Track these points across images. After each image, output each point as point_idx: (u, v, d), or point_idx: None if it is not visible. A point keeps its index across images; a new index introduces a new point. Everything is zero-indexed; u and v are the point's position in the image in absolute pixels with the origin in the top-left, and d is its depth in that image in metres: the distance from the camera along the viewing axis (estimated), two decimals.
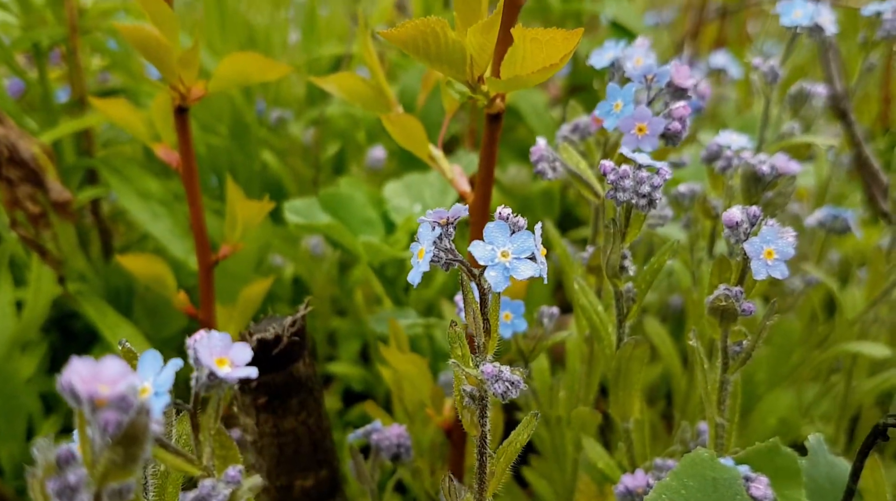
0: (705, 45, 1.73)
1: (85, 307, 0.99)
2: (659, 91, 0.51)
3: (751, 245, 0.42)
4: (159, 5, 0.59)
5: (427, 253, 0.38)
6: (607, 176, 0.45)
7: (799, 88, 0.74)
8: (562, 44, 0.44)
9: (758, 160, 0.55)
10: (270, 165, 1.34)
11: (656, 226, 0.60)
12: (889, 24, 0.82)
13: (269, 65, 0.62)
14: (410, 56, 0.46)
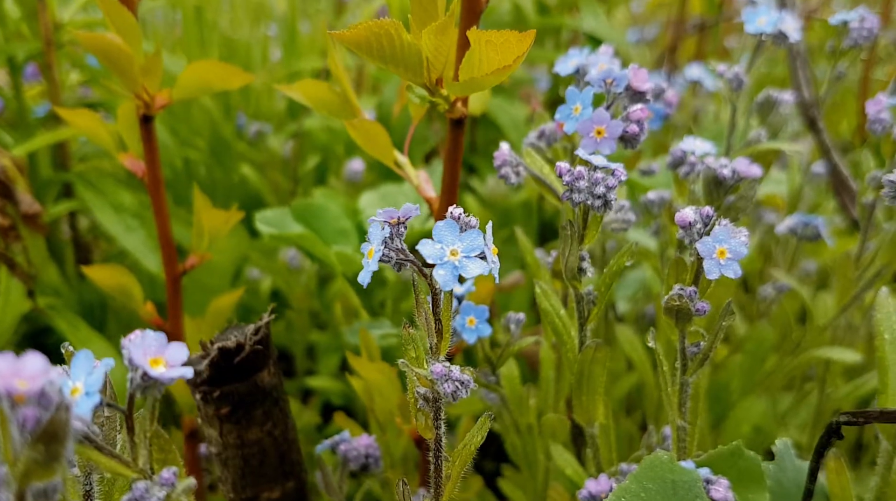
0: (685, 59, 1.75)
1: (57, 321, 0.98)
2: (618, 95, 0.52)
3: (703, 244, 0.42)
4: (122, 13, 0.59)
5: (377, 253, 0.37)
6: (563, 177, 0.45)
7: (766, 96, 0.74)
8: (515, 45, 0.44)
9: (719, 164, 0.55)
10: (250, 179, 1.33)
11: (619, 229, 0.60)
12: (856, 32, 0.83)
13: (233, 72, 0.62)
14: (365, 58, 0.46)
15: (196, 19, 1.34)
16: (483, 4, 0.54)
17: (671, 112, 0.73)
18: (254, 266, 1.26)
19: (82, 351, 0.31)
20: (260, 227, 0.83)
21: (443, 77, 0.50)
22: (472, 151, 1.53)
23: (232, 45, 1.48)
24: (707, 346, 0.46)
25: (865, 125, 0.73)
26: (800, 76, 0.80)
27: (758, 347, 0.81)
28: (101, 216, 1.02)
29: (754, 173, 0.55)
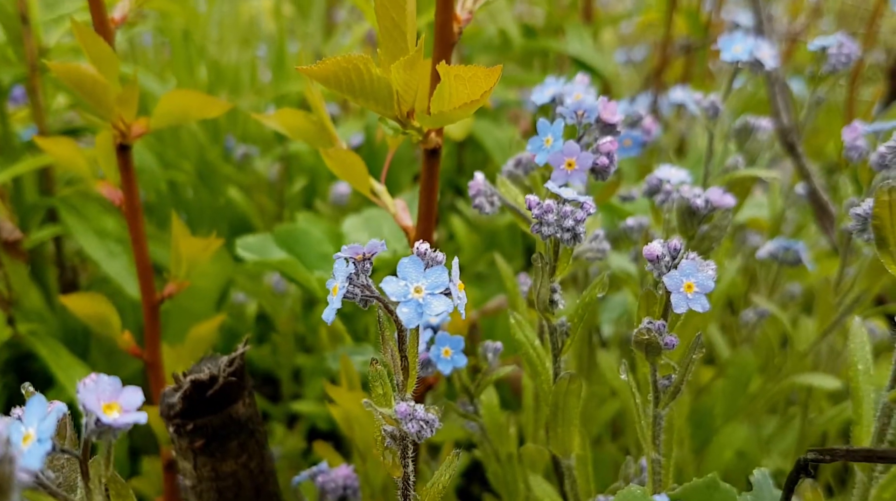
0: (672, 79, 1.76)
1: (38, 348, 0.97)
2: (589, 127, 0.52)
3: (670, 278, 0.42)
4: (97, 43, 0.59)
5: (341, 290, 0.37)
6: (532, 210, 0.45)
7: (743, 122, 0.75)
8: (483, 80, 0.44)
9: (693, 194, 0.56)
10: (236, 201, 1.33)
11: (594, 258, 0.60)
12: (834, 58, 0.84)
13: (210, 102, 0.62)
14: (335, 92, 0.46)
15: (183, 43, 1.35)
16: (455, 36, 0.54)
17: (649, 139, 0.73)
18: (239, 290, 1.25)
19: (36, 396, 0.30)
20: (241, 254, 0.83)
21: (415, 108, 0.50)
22: (459, 173, 1.53)
23: (220, 68, 1.49)
24: (678, 379, 0.45)
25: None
26: (778, 101, 0.81)
27: (740, 372, 0.80)
28: (83, 241, 1.02)
29: (727, 203, 0.55)
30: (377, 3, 0.47)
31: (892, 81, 1.46)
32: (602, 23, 1.58)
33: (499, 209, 0.56)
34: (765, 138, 0.74)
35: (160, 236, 1.17)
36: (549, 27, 1.46)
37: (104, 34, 0.64)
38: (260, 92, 1.55)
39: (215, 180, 1.34)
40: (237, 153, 1.36)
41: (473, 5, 0.55)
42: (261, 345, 1.32)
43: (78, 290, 1.27)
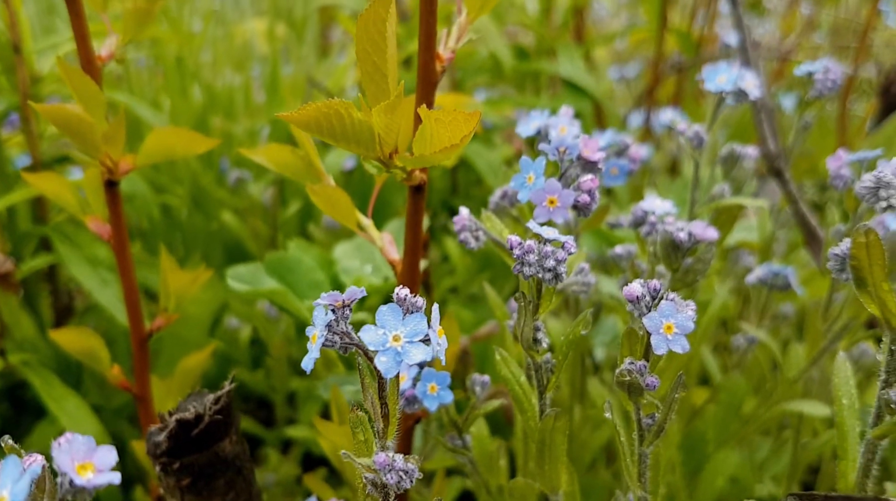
0: (664, 98, 1.77)
1: (31, 378, 0.97)
2: (571, 163, 0.52)
3: (650, 320, 0.42)
4: (84, 82, 0.60)
5: (320, 338, 0.37)
6: (513, 251, 0.45)
7: (729, 150, 0.75)
8: (463, 125, 0.44)
9: (676, 227, 0.56)
10: (230, 226, 1.34)
11: (580, 292, 0.60)
12: (820, 83, 0.84)
13: (196, 139, 0.63)
14: (315, 137, 0.46)
15: (177, 68, 1.36)
16: (438, 75, 0.55)
17: (635, 167, 0.74)
18: (233, 315, 1.25)
19: (11, 457, 0.30)
20: (231, 284, 0.83)
21: (398, 148, 0.51)
22: (453, 193, 1.54)
23: (213, 92, 1.50)
24: (661, 418, 0.45)
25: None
26: (764, 128, 0.81)
27: (732, 398, 0.80)
28: (75, 270, 1.02)
29: (710, 236, 0.55)
30: (358, 48, 0.48)
31: (883, 99, 1.47)
32: (593, 43, 1.59)
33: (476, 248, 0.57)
34: (751, 166, 0.74)
35: (153, 262, 1.17)
36: (540, 48, 1.47)
37: (91, 72, 0.64)
38: (254, 115, 1.56)
39: (209, 205, 1.35)
40: (231, 177, 1.36)
41: (455, 44, 0.55)
42: (255, 370, 1.32)
43: (73, 315, 1.27)
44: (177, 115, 1.34)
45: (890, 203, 0.44)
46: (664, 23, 1.48)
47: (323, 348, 0.38)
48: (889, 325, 0.44)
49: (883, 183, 0.45)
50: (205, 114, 1.40)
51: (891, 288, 0.43)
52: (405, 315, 0.38)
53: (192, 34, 1.36)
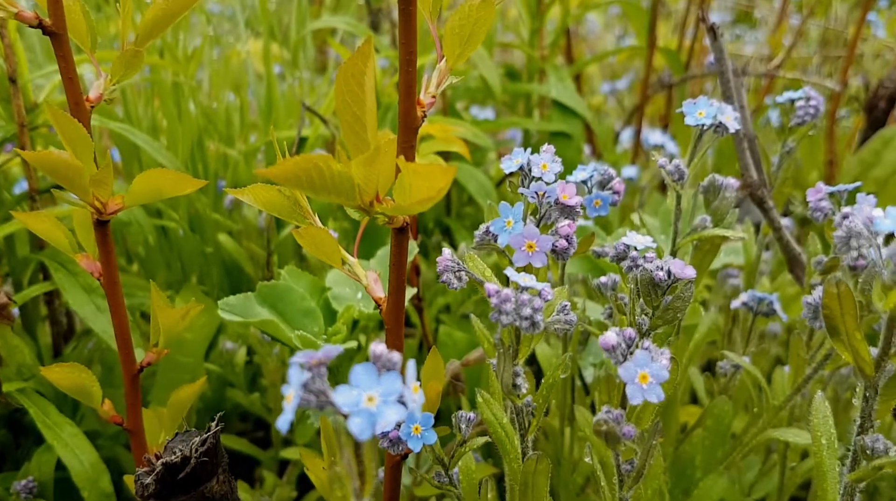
0: (654, 114, 1.79)
1: (27, 406, 0.98)
2: (550, 207, 0.53)
3: (625, 370, 0.43)
4: (72, 125, 0.61)
5: (295, 399, 0.38)
6: (491, 299, 0.46)
7: (711, 180, 0.76)
8: (440, 177, 0.46)
9: (655, 266, 0.57)
10: (227, 247, 1.35)
11: (562, 330, 0.61)
12: (802, 110, 0.86)
13: (183, 180, 0.64)
14: (294, 190, 0.48)
15: (174, 94, 1.37)
16: (419, 121, 0.56)
17: (619, 199, 0.75)
18: (228, 338, 1.26)
19: None
20: (223, 316, 0.84)
21: (379, 193, 0.52)
22: (446, 213, 1.55)
23: (210, 115, 1.51)
24: (640, 465, 0.46)
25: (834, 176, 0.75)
26: (746, 157, 0.82)
27: (719, 425, 0.81)
28: (70, 298, 1.03)
29: (688, 275, 0.56)
30: (338, 99, 0.49)
31: (869, 116, 1.48)
32: (583, 64, 1.60)
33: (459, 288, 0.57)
34: (733, 195, 0.75)
35: (147, 287, 1.18)
36: (531, 68, 1.48)
37: (79, 114, 0.65)
38: (250, 137, 1.57)
39: (205, 227, 1.36)
40: (227, 200, 1.37)
41: (436, 89, 0.56)
42: (251, 389, 1.33)
43: (73, 335, 1.28)
44: (173, 140, 1.36)
45: (861, 252, 0.45)
46: (653, 42, 1.49)
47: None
48: (863, 373, 0.45)
49: (854, 232, 0.46)
50: (201, 136, 1.42)
51: (863, 338, 0.44)
52: (380, 373, 0.39)
53: (187, 59, 1.38)
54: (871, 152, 1.48)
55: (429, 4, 0.56)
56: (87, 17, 0.68)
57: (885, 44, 2.55)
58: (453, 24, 0.53)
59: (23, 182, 1.35)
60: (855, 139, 1.75)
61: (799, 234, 1.51)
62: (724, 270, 1.13)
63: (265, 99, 1.54)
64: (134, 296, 1.19)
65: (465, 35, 0.53)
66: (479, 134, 1.20)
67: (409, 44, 0.52)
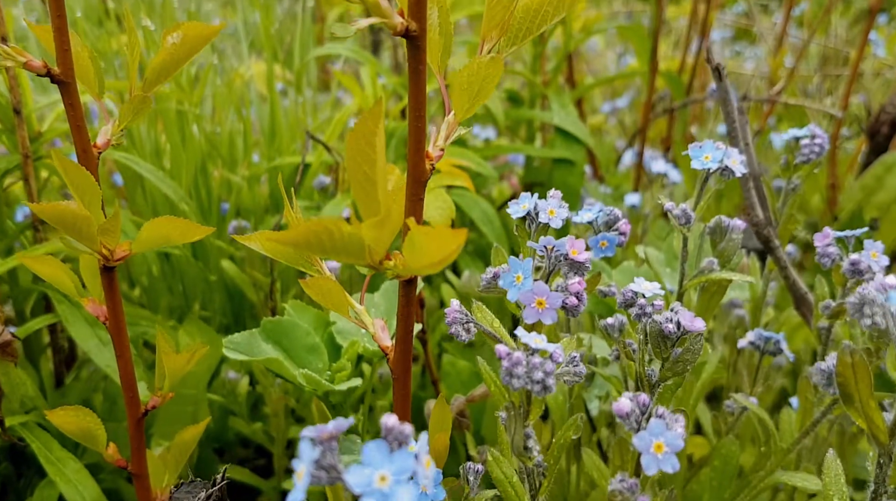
0: (656, 137, 1.79)
1: (30, 440, 0.98)
2: (558, 260, 0.53)
3: (640, 439, 0.43)
4: (81, 174, 0.61)
5: (306, 476, 0.38)
6: (502, 361, 0.46)
7: (717, 222, 0.76)
8: (451, 240, 0.45)
9: (664, 318, 0.57)
10: (230, 274, 1.34)
11: (571, 382, 0.61)
12: (807, 149, 0.86)
13: (191, 228, 0.64)
14: (305, 253, 0.47)
15: (178, 121, 1.37)
16: (428, 174, 0.56)
17: (625, 240, 0.74)
18: (231, 368, 1.26)
19: None
20: (228, 354, 0.84)
21: (388, 252, 0.52)
22: None
23: (213, 140, 1.52)
24: None
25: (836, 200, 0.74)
26: (752, 196, 0.82)
27: (726, 464, 0.81)
28: (74, 331, 1.03)
29: (698, 327, 0.56)
30: (349, 159, 0.49)
31: (871, 141, 1.48)
32: (585, 88, 1.61)
33: (467, 340, 0.57)
34: (739, 237, 0.75)
35: (150, 318, 1.18)
36: (533, 94, 1.48)
37: (87, 161, 0.65)
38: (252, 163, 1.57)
39: (208, 254, 1.36)
40: (230, 227, 1.37)
41: (445, 142, 0.56)
42: (254, 416, 1.32)
43: (76, 362, 1.28)
44: (177, 165, 1.36)
45: (874, 320, 0.45)
46: (655, 67, 1.50)
47: None
48: (877, 440, 0.44)
49: (867, 300, 0.46)
50: (205, 161, 1.42)
51: (877, 406, 0.44)
52: (392, 448, 0.38)
53: (191, 87, 1.38)
54: (874, 177, 1.48)
55: (437, 58, 0.56)
56: (95, 62, 0.68)
57: (885, 63, 2.56)
58: (462, 80, 0.53)
59: (23, 208, 1.35)
60: (857, 161, 1.75)
61: (802, 260, 1.51)
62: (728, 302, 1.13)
63: (269, 124, 1.54)
64: (137, 326, 1.19)
65: (473, 91, 0.54)
66: (483, 163, 1.20)
67: (418, 100, 0.52)
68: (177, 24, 0.68)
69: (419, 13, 0.50)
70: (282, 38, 2.37)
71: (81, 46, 0.67)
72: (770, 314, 1.23)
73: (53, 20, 0.61)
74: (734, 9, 3.42)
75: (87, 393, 1.19)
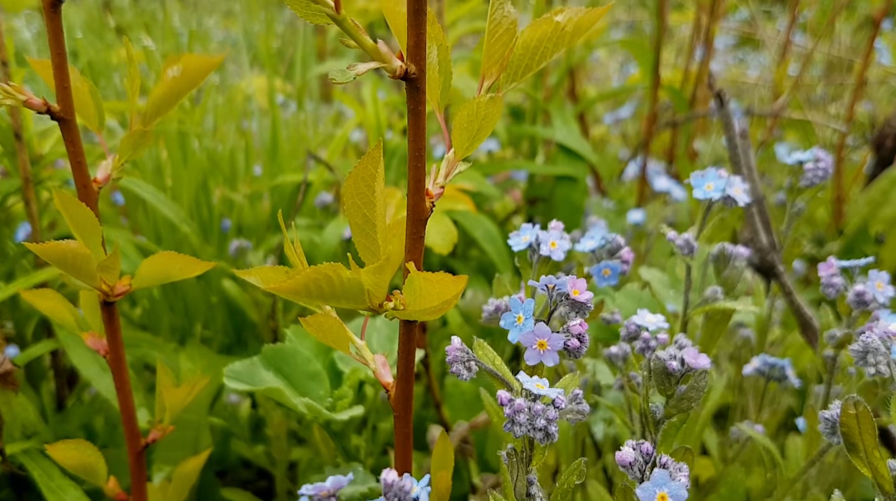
0: (659, 152, 1.78)
1: (30, 467, 0.97)
2: (560, 300, 0.53)
3: (643, 491, 0.42)
4: (80, 210, 0.61)
5: None
6: (504, 408, 0.46)
7: (721, 249, 0.76)
8: (451, 286, 0.45)
9: (668, 355, 0.56)
10: (232, 294, 1.34)
11: (574, 420, 0.60)
12: (811, 173, 0.85)
13: (191, 263, 0.64)
14: (304, 302, 0.47)
15: (179, 141, 1.37)
16: (428, 212, 0.55)
17: (628, 269, 0.74)
18: (232, 390, 1.25)
19: None
20: (228, 384, 0.83)
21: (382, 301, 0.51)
22: (451, 255, 1.54)
23: (215, 158, 1.52)
24: None
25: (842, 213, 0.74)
26: (756, 221, 0.81)
27: (732, 492, 0.80)
28: (74, 357, 1.03)
29: (702, 365, 0.55)
30: (348, 203, 0.49)
31: (877, 153, 1.47)
32: (588, 102, 1.60)
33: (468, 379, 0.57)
34: (743, 265, 0.74)
35: (152, 341, 1.18)
36: (535, 109, 1.48)
37: (87, 197, 0.65)
38: (254, 179, 1.57)
39: (210, 274, 1.36)
40: (231, 247, 1.37)
41: (444, 180, 0.56)
42: (255, 438, 1.32)
43: (77, 384, 1.28)
44: (178, 186, 1.36)
45: (878, 369, 0.45)
46: (657, 82, 1.49)
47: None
48: (882, 490, 0.44)
49: (871, 348, 0.45)
50: (206, 179, 1.42)
51: (882, 456, 0.43)
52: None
53: (192, 107, 1.38)
54: (880, 191, 1.47)
55: (437, 97, 0.56)
56: (96, 96, 0.68)
57: (890, 70, 2.55)
58: (461, 120, 0.53)
59: (26, 225, 1.35)
60: (863, 173, 1.75)
61: (808, 273, 1.50)
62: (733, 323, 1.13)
63: (270, 140, 1.54)
64: (138, 347, 1.19)
65: (473, 130, 0.53)
66: (485, 182, 1.20)
67: (417, 141, 0.52)
68: (177, 56, 0.67)
69: (418, 55, 0.49)
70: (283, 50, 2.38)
71: (81, 81, 0.66)
72: (776, 333, 1.23)
73: (53, 58, 0.61)
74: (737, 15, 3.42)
75: (89, 417, 1.19)
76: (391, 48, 0.49)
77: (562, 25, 0.57)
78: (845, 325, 0.69)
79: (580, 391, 0.58)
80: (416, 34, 0.49)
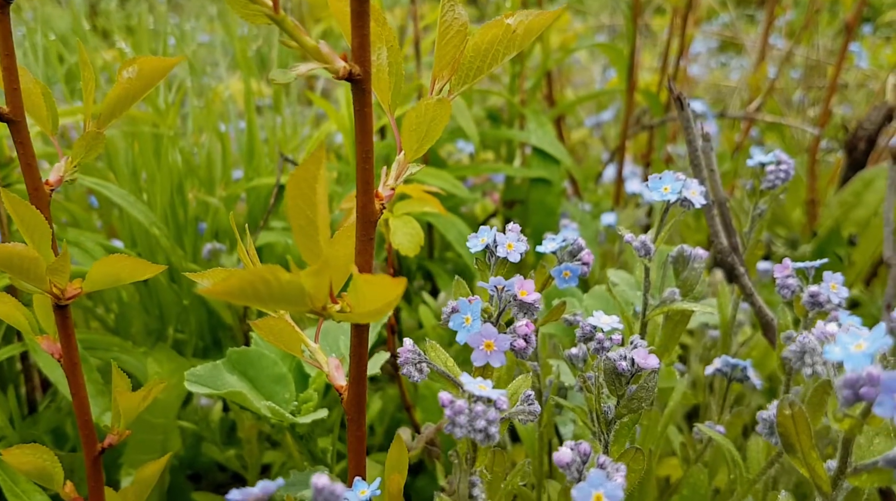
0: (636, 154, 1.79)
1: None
2: (509, 301, 0.53)
3: (578, 491, 0.42)
4: (30, 214, 0.60)
5: None
6: (444, 409, 0.45)
7: (680, 251, 0.76)
8: (391, 289, 0.45)
9: (618, 355, 0.56)
10: (207, 298, 1.33)
11: (526, 421, 0.60)
12: (773, 174, 0.86)
13: (142, 266, 0.63)
14: (241, 304, 0.47)
15: (153, 143, 1.36)
16: (377, 214, 0.55)
17: (587, 270, 0.74)
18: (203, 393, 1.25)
19: None
20: (189, 387, 0.83)
21: (332, 294, 0.51)
22: (429, 257, 1.54)
23: (191, 161, 1.51)
24: None
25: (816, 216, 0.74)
26: (716, 223, 0.82)
27: (694, 493, 0.80)
28: (41, 360, 1.02)
29: (651, 365, 0.55)
30: (291, 204, 0.48)
31: (850, 157, 1.48)
32: (565, 107, 1.61)
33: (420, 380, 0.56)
34: (701, 267, 0.74)
35: (122, 345, 1.17)
36: (512, 113, 1.48)
37: (37, 199, 0.65)
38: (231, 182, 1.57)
39: (183, 279, 1.35)
40: (205, 250, 1.36)
41: (395, 181, 0.56)
42: (228, 442, 1.31)
43: (49, 388, 1.26)
44: (153, 190, 1.35)
45: (815, 369, 0.45)
46: (633, 86, 1.50)
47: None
48: (820, 490, 0.44)
49: (808, 349, 0.45)
50: (182, 182, 1.41)
51: (819, 456, 0.44)
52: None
53: (168, 108, 1.37)
54: (852, 193, 1.49)
55: (388, 98, 0.56)
56: (49, 98, 0.67)
57: (868, 74, 2.57)
58: (410, 122, 0.53)
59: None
60: (837, 176, 1.76)
61: None
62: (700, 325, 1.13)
63: (246, 144, 1.54)
64: (109, 351, 1.18)
65: (422, 132, 0.53)
66: (457, 184, 1.20)
67: (365, 142, 0.52)
68: (132, 58, 0.67)
69: (363, 57, 0.49)
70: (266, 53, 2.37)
71: (34, 83, 0.66)
72: (747, 333, 1.23)
73: (2, 59, 0.61)
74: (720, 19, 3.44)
75: (59, 420, 1.18)
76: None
77: (512, 28, 0.58)
78: (802, 326, 0.70)
79: (531, 392, 0.58)
80: (359, 35, 0.49)
